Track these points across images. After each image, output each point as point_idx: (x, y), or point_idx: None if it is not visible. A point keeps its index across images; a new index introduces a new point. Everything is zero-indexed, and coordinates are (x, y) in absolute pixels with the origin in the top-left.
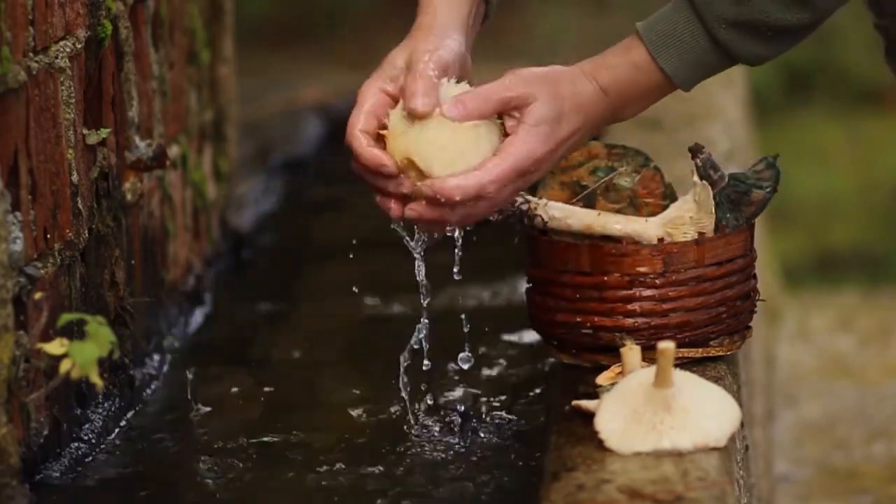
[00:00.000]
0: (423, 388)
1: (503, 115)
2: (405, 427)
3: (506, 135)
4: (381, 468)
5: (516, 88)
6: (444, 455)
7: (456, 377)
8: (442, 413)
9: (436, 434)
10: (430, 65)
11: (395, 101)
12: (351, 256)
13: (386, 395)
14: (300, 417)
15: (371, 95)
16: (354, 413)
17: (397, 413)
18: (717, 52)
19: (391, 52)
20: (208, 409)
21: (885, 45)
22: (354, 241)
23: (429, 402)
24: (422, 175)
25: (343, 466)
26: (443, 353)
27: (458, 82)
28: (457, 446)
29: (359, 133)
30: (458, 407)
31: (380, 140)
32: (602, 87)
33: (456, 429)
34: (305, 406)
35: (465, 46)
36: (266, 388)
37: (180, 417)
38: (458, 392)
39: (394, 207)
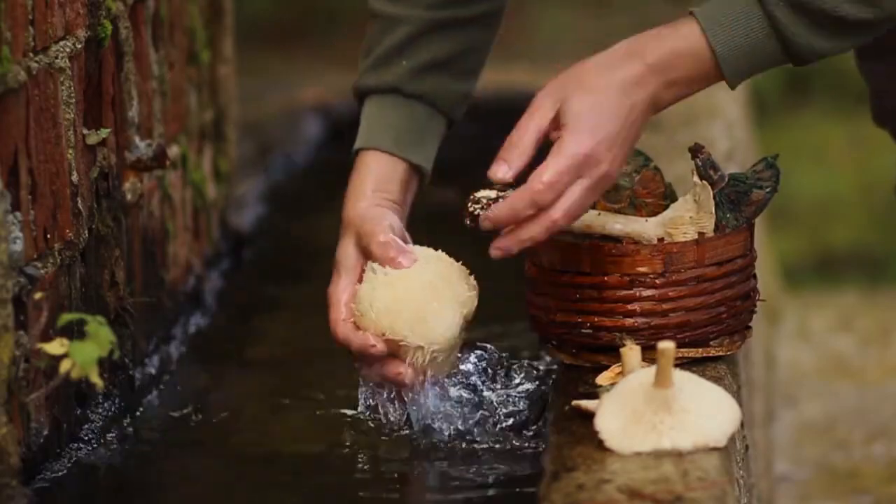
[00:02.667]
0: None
1: (550, 136)
2: (405, 427)
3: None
4: (380, 469)
5: (542, 103)
6: (443, 455)
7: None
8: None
9: (435, 434)
10: (386, 231)
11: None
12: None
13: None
14: (300, 418)
15: (342, 299)
16: (354, 414)
17: (397, 414)
18: (772, 35)
19: (337, 252)
20: (208, 409)
21: (855, 48)
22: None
23: (429, 403)
24: (398, 346)
25: (342, 467)
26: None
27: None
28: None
29: (341, 309)
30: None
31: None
32: (646, 63)
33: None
34: (305, 406)
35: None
36: (266, 389)
37: (180, 417)
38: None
39: (407, 374)
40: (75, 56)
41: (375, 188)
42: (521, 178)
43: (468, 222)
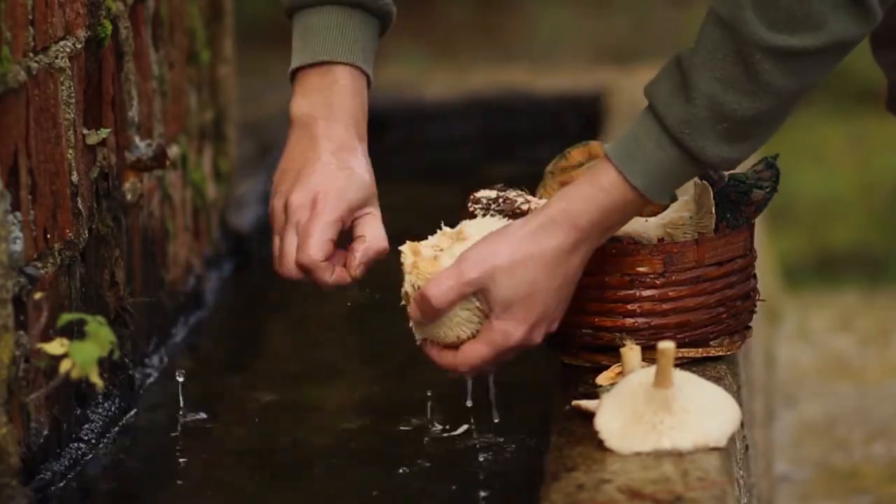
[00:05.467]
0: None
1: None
2: (404, 428)
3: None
4: (379, 469)
5: (469, 274)
6: (443, 455)
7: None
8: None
9: (435, 434)
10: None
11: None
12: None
13: (385, 395)
14: (300, 418)
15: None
16: (353, 414)
17: (396, 414)
18: (684, 158)
19: (293, 198)
20: (208, 409)
21: (872, 37)
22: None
23: (429, 403)
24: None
25: (341, 468)
26: None
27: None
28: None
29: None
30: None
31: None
32: (578, 228)
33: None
34: (305, 407)
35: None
36: (266, 389)
37: (180, 418)
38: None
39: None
40: (75, 56)
41: (351, 120)
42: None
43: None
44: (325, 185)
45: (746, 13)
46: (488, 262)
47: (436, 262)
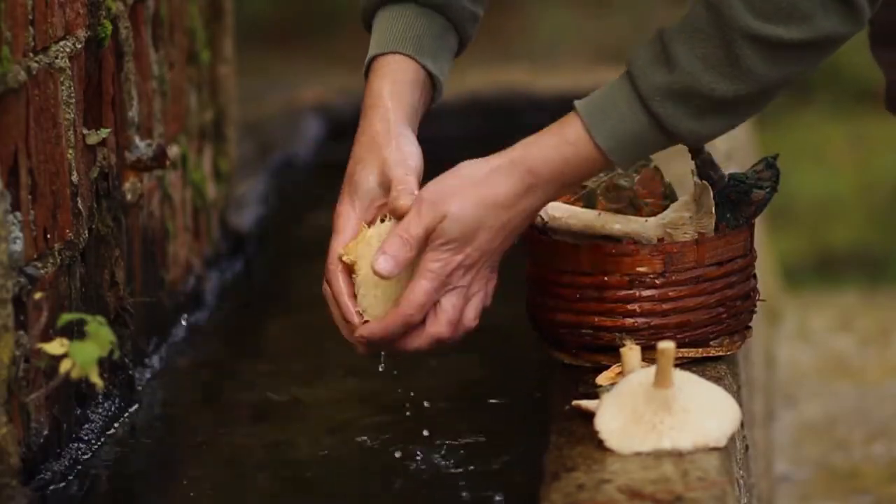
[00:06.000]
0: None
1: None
2: (404, 427)
3: None
4: (378, 468)
5: (426, 214)
6: (444, 455)
7: (454, 376)
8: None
9: (435, 434)
10: (411, 187)
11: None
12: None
13: (386, 395)
14: (301, 417)
15: (350, 227)
16: (354, 413)
17: (396, 413)
18: (653, 126)
19: (358, 171)
20: (208, 409)
21: (870, 35)
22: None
23: (426, 403)
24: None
25: (343, 465)
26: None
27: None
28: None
29: (337, 271)
30: None
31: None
32: (534, 174)
33: None
34: (306, 406)
35: (415, 136)
36: (267, 389)
37: (180, 418)
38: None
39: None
40: (75, 56)
41: (392, 92)
42: None
43: None
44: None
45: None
46: (443, 202)
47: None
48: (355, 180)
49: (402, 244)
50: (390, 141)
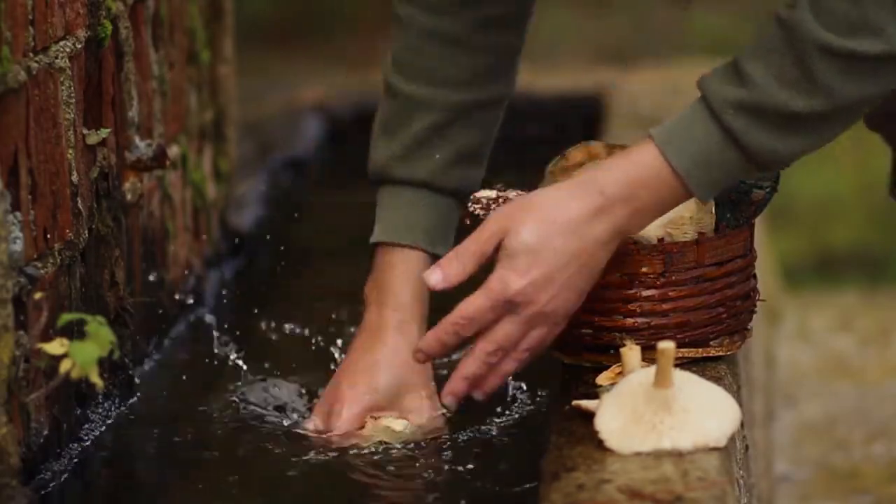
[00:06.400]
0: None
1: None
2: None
3: None
4: (378, 468)
5: (490, 228)
6: (443, 455)
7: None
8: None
9: (435, 433)
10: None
11: None
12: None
13: None
14: (300, 418)
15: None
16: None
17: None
18: (728, 142)
19: (372, 381)
20: (208, 409)
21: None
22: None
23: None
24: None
25: (340, 467)
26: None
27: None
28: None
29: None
30: None
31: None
32: (605, 196)
33: None
34: (305, 406)
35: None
36: (265, 388)
37: (180, 418)
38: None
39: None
40: (75, 56)
41: (414, 297)
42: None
43: (468, 222)
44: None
45: (805, 14)
46: (508, 217)
47: None
48: (370, 385)
49: (455, 255)
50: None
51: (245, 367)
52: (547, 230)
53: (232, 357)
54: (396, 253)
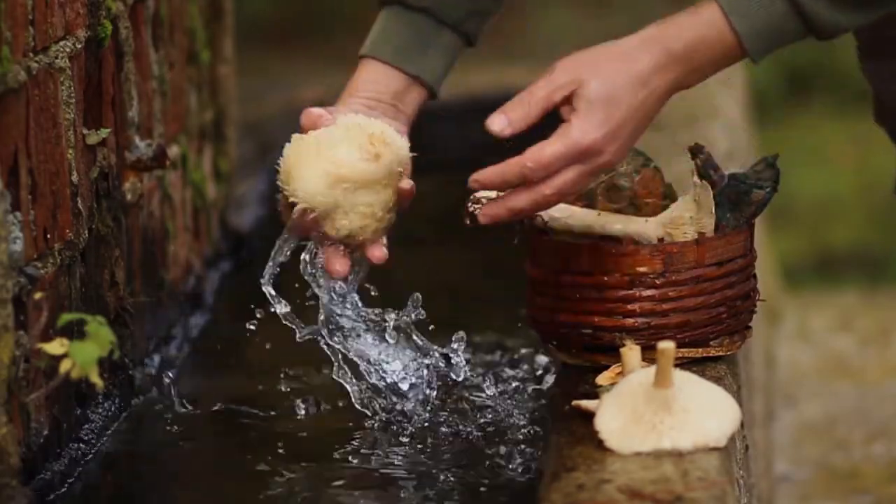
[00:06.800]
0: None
1: (559, 110)
2: (404, 426)
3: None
4: (380, 468)
5: (559, 78)
6: (443, 455)
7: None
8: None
9: (435, 433)
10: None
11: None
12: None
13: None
14: (301, 418)
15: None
16: (354, 412)
17: (395, 413)
18: (792, 12)
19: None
20: (208, 409)
21: (858, 48)
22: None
23: (434, 402)
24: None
25: (341, 467)
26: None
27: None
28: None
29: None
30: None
31: None
32: (669, 51)
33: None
34: (307, 407)
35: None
36: (266, 389)
37: (180, 418)
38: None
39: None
40: (75, 56)
41: (355, 92)
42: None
43: (468, 222)
44: None
45: None
46: (584, 65)
47: None
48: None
49: (519, 101)
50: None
51: (245, 368)
52: (622, 81)
53: (231, 357)
54: (361, 63)
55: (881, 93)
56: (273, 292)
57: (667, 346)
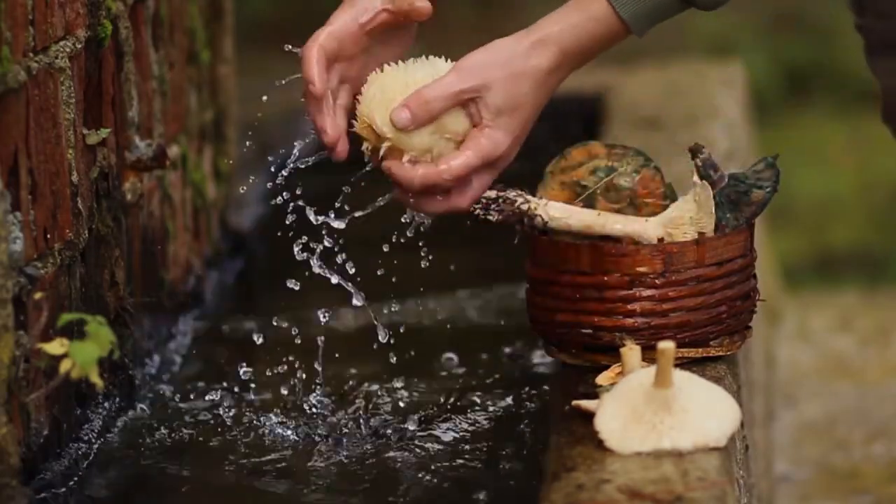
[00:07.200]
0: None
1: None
2: (404, 427)
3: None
4: (379, 468)
5: (466, 81)
6: (443, 455)
7: (455, 376)
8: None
9: (435, 434)
10: None
11: (365, 31)
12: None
13: (383, 392)
14: (301, 419)
15: (340, 20)
16: (353, 412)
17: (397, 413)
18: None
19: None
20: (208, 409)
21: (865, 45)
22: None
23: (426, 403)
24: (378, 139)
25: (341, 468)
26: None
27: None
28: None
29: (312, 45)
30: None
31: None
32: (564, 51)
33: None
34: (305, 407)
35: None
36: (266, 389)
37: (179, 418)
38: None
39: (328, 133)
40: (75, 56)
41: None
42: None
43: (468, 222)
44: None
45: None
46: (485, 71)
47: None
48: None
49: (425, 101)
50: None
51: (245, 368)
52: (525, 87)
53: (231, 358)
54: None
55: (890, 90)
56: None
57: (667, 346)
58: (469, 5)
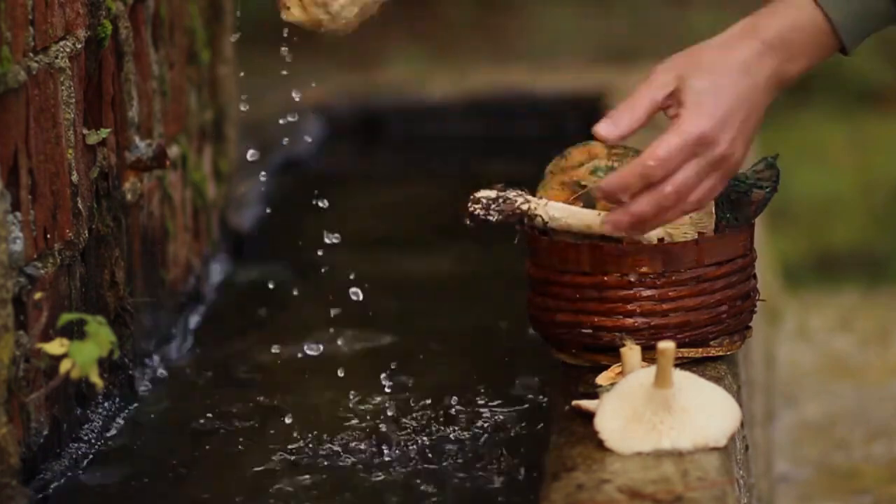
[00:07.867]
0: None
1: (665, 111)
2: (404, 427)
3: None
4: (381, 469)
5: (660, 79)
6: (444, 455)
7: (455, 376)
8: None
9: (435, 433)
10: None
11: None
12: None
13: (384, 392)
14: (301, 419)
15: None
16: (354, 414)
17: (397, 414)
18: None
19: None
20: (208, 409)
21: None
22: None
23: (426, 404)
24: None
25: (341, 468)
26: (441, 354)
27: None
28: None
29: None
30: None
31: None
32: (763, 39)
33: None
34: (306, 408)
35: None
36: (266, 390)
37: (179, 418)
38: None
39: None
40: (75, 56)
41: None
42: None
43: (468, 222)
44: None
45: None
46: (678, 65)
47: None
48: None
49: (624, 106)
50: None
51: (245, 369)
52: (723, 70)
53: (231, 358)
54: None
55: None
56: None
57: (667, 346)
58: (470, 5)
